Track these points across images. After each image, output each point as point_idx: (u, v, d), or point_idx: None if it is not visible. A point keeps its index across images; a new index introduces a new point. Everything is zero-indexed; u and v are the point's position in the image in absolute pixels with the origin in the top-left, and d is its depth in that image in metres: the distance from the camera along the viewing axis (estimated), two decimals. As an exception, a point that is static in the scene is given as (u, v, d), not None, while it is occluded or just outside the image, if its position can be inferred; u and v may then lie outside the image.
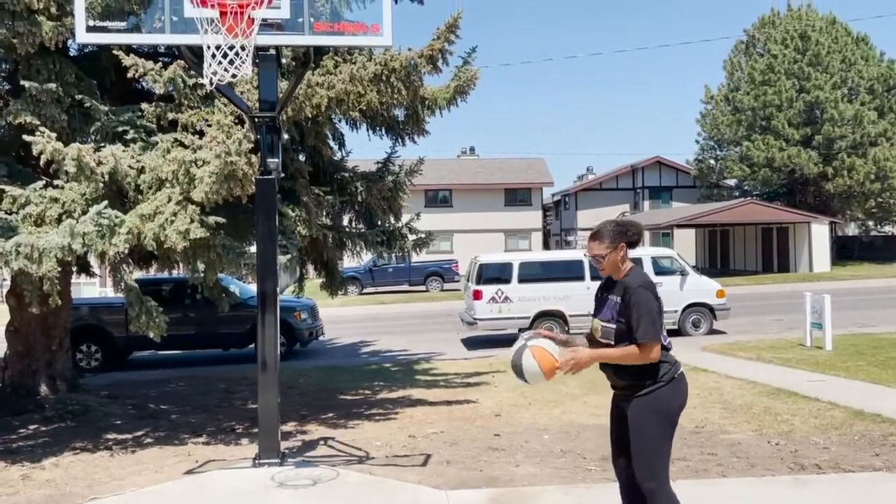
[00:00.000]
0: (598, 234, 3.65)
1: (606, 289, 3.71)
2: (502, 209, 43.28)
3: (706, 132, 40.13)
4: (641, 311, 3.44)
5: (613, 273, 3.64)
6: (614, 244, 3.59)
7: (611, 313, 3.57)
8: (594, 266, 3.71)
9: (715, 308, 15.72)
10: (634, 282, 3.53)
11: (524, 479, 5.54)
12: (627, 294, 3.47)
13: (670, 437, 3.56)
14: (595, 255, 3.62)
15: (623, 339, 3.49)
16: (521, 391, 9.84)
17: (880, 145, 34.27)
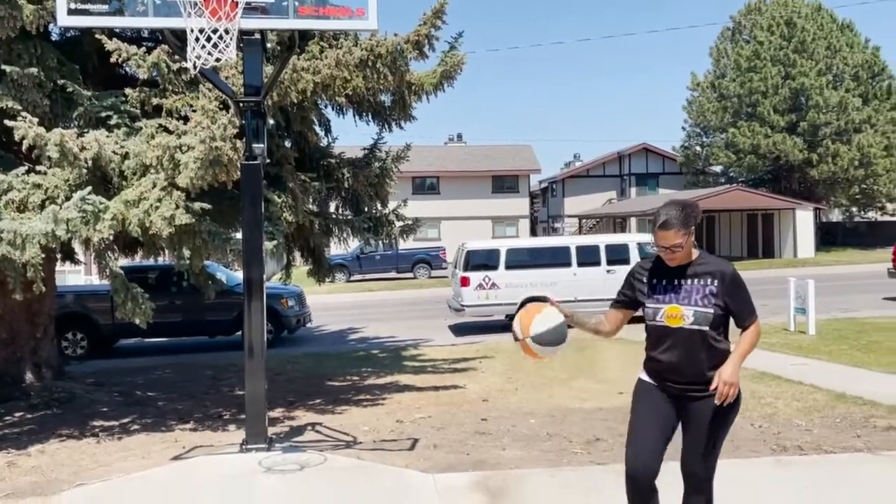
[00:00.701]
0: (668, 222, 3.37)
1: (667, 275, 3.48)
2: (490, 196, 43.28)
3: (692, 119, 40.27)
4: (744, 288, 3.39)
5: (685, 259, 3.44)
6: (688, 229, 3.38)
7: (702, 296, 3.37)
8: (669, 259, 3.44)
9: (700, 293, 15.80)
10: (723, 263, 3.44)
11: (511, 462, 5.57)
12: (727, 276, 3.35)
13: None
14: (673, 246, 3.37)
15: (718, 323, 3.37)
16: (508, 376, 9.90)
17: (864, 132, 34.50)
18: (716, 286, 3.34)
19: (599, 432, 6.53)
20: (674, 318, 3.40)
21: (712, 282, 3.35)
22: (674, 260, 3.42)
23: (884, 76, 36.43)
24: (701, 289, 3.37)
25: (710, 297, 3.35)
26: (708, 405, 3.35)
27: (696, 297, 3.36)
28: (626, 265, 15.58)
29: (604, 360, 10.75)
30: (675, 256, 3.41)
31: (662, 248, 3.39)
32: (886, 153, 34.56)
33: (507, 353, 11.82)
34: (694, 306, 3.36)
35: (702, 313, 3.35)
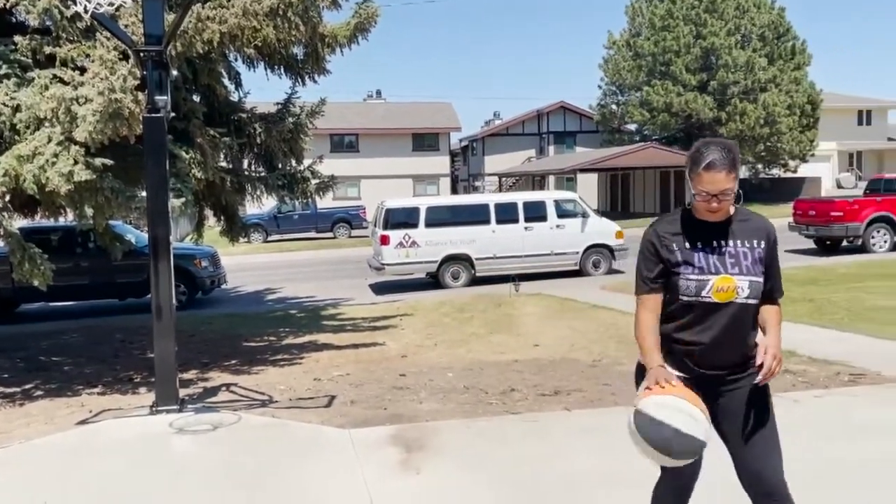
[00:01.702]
0: (716, 162, 2.64)
1: (703, 236, 2.73)
2: (410, 154, 43.04)
3: (608, 77, 40.81)
4: (777, 259, 2.73)
5: (726, 213, 2.74)
6: (737, 171, 2.69)
7: (752, 262, 2.69)
8: (706, 205, 2.69)
9: (614, 249, 16.23)
10: (766, 220, 2.75)
11: (427, 415, 5.63)
12: (772, 238, 2.73)
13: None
14: (723, 192, 2.63)
15: (760, 295, 2.71)
16: (428, 333, 9.97)
17: (769, 91, 35.75)
18: (762, 248, 2.68)
19: (514, 383, 6.65)
20: (725, 293, 2.65)
21: (759, 243, 2.68)
22: (718, 212, 2.68)
23: (788, 37, 37.71)
24: (750, 252, 2.68)
25: (759, 263, 2.68)
26: (745, 390, 2.69)
27: (746, 263, 2.67)
28: (543, 222, 15.87)
29: (521, 315, 10.94)
30: (721, 207, 2.67)
31: (708, 195, 2.63)
32: (789, 112, 35.96)
33: (426, 311, 11.88)
34: (748, 275, 2.66)
35: (757, 284, 2.67)
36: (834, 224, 17.72)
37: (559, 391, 6.24)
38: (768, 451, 2.67)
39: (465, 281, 15.48)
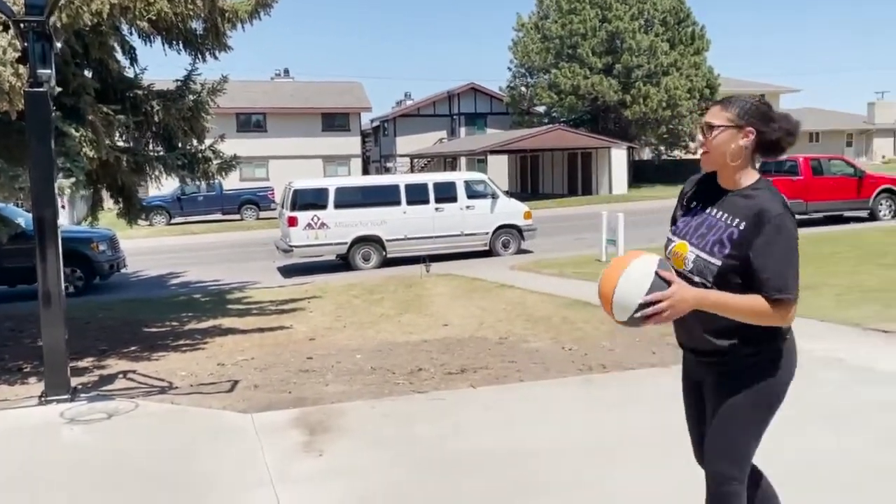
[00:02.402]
0: (728, 98, 2.47)
1: (706, 196, 2.49)
2: (320, 134, 42.38)
3: (518, 60, 41.23)
4: (786, 250, 2.27)
5: (719, 166, 2.43)
6: (741, 121, 2.36)
7: (716, 240, 2.36)
8: (698, 144, 2.46)
9: (523, 229, 16.50)
10: (775, 202, 2.30)
11: (333, 397, 5.58)
12: (765, 220, 2.27)
13: (768, 421, 2.48)
14: (706, 124, 2.40)
15: (726, 283, 2.33)
16: (337, 315, 9.87)
17: (671, 75, 36.97)
18: (741, 229, 2.32)
19: (422, 363, 6.68)
20: (677, 259, 2.44)
21: (740, 222, 2.33)
22: (704, 160, 2.45)
23: (688, 22, 39.03)
24: (723, 227, 2.37)
25: (727, 242, 2.33)
26: (735, 380, 2.42)
27: (710, 237, 2.38)
28: (454, 203, 15.95)
29: (431, 295, 10.97)
30: (705, 151, 2.42)
31: (699, 129, 2.45)
32: (689, 95, 37.31)
33: (336, 293, 11.77)
34: (701, 250, 2.38)
35: (704, 262, 2.36)
36: (729, 203, 18.50)
37: (466, 369, 6.30)
38: (712, 438, 2.48)
39: (375, 262, 15.41)
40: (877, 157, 53.69)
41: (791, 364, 2.47)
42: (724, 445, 2.45)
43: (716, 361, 2.45)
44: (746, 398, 2.41)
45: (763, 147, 2.40)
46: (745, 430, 2.44)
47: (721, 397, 2.45)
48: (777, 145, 2.40)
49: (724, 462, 2.44)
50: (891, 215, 18.74)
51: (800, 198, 18.57)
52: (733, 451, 2.44)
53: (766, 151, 2.43)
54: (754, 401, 2.41)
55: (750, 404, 2.42)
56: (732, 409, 2.43)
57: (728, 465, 2.44)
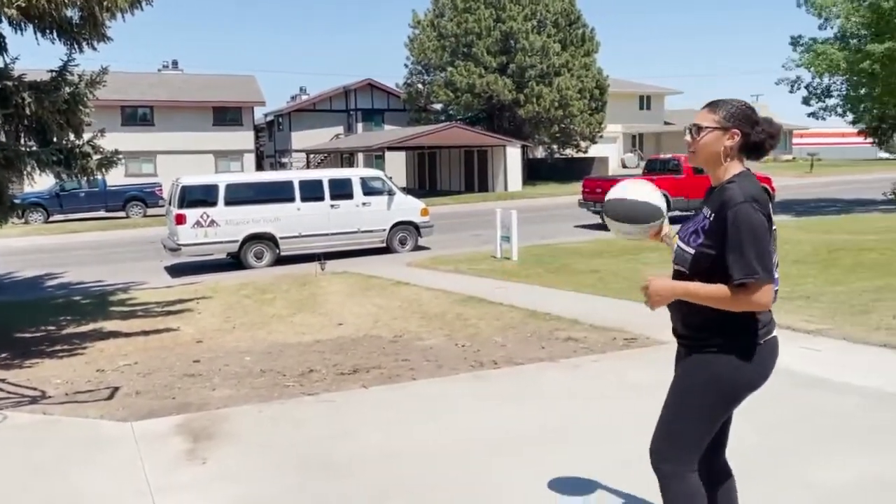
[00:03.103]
0: (715, 101, 2.60)
1: (705, 199, 2.68)
2: (211, 129, 41.05)
3: (414, 57, 41.25)
4: (743, 235, 2.39)
5: (706, 164, 2.60)
6: (728, 123, 2.52)
7: (693, 231, 2.57)
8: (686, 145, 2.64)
9: (420, 226, 16.54)
10: (737, 194, 2.45)
11: (219, 402, 5.41)
12: (725, 210, 2.43)
13: (720, 417, 2.58)
14: (694, 125, 2.58)
15: (701, 271, 2.50)
16: (227, 316, 9.60)
17: (563, 75, 37.90)
18: (711, 220, 2.51)
19: (314, 364, 6.58)
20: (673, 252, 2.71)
21: (711, 213, 2.52)
22: (692, 159, 2.63)
23: (579, 24, 40.12)
24: (700, 220, 2.58)
25: (700, 232, 2.54)
26: (693, 366, 2.58)
27: (690, 229, 2.62)
28: (350, 199, 15.82)
29: (326, 294, 10.84)
30: (692, 150, 2.61)
31: (687, 129, 2.63)
32: (580, 96, 38.38)
33: (226, 293, 11.44)
34: (681, 241, 2.64)
35: (681, 251, 2.60)
36: (617, 201, 19.19)
37: (358, 369, 6.26)
38: (659, 420, 2.64)
39: (269, 261, 15.09)
40: (752, 157, 56.87)
41: (759, 368, 2.51)
42: (661, 424, 2.60)
43: (686, 345, 2.62)
44: (697, 382, 2.54)
45: (747, 148, 2.56)
46: (685, 414, 2.54)
47: (679, 377, 2.61)
48: (761, 147, 2.56)
49: (659, 440, 2.59)
50: (764, 212, 19.86)
51: (682, 195, 19.44)
52: (668, 430, 2.57)
53: (751, 152, 2.58)
54: (704, 388, 2.52)
55: (699, 390, 2.53)
56: (680, 390, 2.59)
57: (661, 444, 2.58)
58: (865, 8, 19.76)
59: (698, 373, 2.54)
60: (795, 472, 3.78)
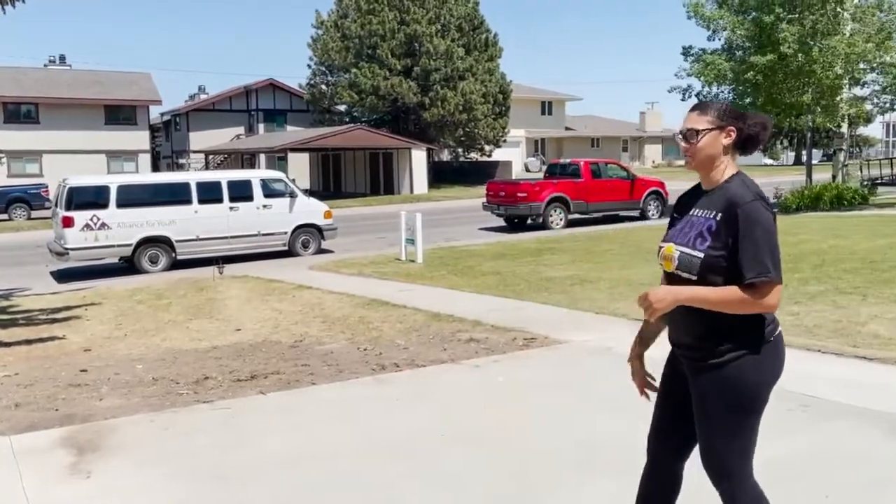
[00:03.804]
0: (704, 103, 2.57)
1: (689, 203, 2.59)
2: (103, 128, 39.30)
3: (318, 57, 40.81)
4: (758, 235, 2.33)
5: (703, 167, 2.51)
6: (722, 122, 2.48)
7: (697, 234, 2.46)
8: (683, 150, 2.56)
9: (323, 228, 16.34)
10: (744, 192, 2.40)
11: (107, 412, 5.16)
12: (735, 209, 2.37)
13: (758, 421, 2.48)
14: (689, 130, 2.50)
15: (713, 275, 2.39)
16: (119, 322, 9.20)
17: (467, 79, 38.35)
18: (717, 220, 2.42)
19: (210, 371, 6.38)
20: (667, 262, 2.54)
21: (716, 214, 2.43)
22: (690, 163, 2.54)
23: (482, 29, 40.69)
24: (703, 222, 2.47)
25: (707, 234, 2.44)
26: (707, 381, 2.45)
27: (691, 233, 2.49)
28: (250, 202, 15.46)
29: (224, 299, 10.54)
30: (691, 155, 2.52)
31: (680, 135, 2.55)
32: (484, 100, 38.94)
33: (118, 299, 10.96)
34: (685, 246, 2.48)
35: (687, 257, 2.45)
36: (520, 204, 19.59)
37: (256, 375, 6.10)
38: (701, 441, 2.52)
39: (164, 265, 14.56)
40: (648, 162, 59.30)
41: (771, 366, 2.45)
42: (708, 457, 2.49)
43: (694, 357, 2.49)
44: (720, 402, 2.43)
45: (742, 143, 2.52)
46: (723, 437, 2.45)
47: (699, 397, 2.48)
48: (755, 139, 2.52)
49: (713, 473, 2.50)
50: (657, 215, 20.73)
51: (582, 198, 20.04)
52: (713, 457, 2.48)
53: (745, 147, 2.54)
54: (728, 404, 2.42)
55: (724, 408, 2.43)
56: (708, 415, 2.47)
57: (713, 472, 2.50)
58: (749, 22, 20.86)
59: (727, 390, 2.42)
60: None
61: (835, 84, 19.91)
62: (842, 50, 18.93)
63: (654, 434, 2.70)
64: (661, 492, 2.71)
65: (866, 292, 8.21)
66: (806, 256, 11.08)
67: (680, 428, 2.59)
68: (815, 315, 7.27)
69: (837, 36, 19.29)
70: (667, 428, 2.64)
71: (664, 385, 2.67)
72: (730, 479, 2.46)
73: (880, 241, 12.39)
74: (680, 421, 2.58)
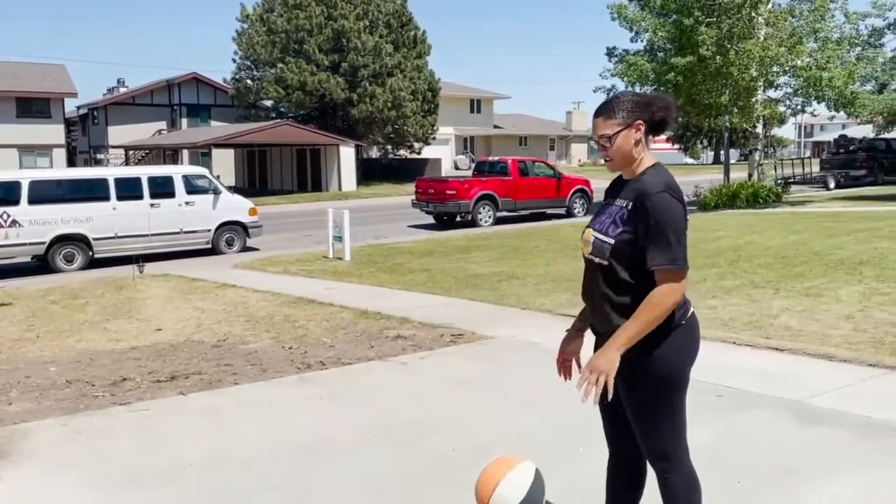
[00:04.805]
0: (606, 106, 2.59)
1: (614, 192, 2.67)
2: (14, 121, 37.58)
3: (243, 52, 40.03)
4: (664, 224, 2.41)
5: (624, 165, 2.59)
6: (629, 120, 2.53)
7: (611, 221, 2.55)
8: (600, 154, 2.63)
9: (248, 226, 16.04)
10: (655, 183, 2.48)
11: (16, 417, 4.94)
12: (644, 199, 2.45)
13: (683, 400, 2.58)
14: (600, 137, 2.55)
15: (622, 259, 2.49)
16: (30, 324, 8.82)
17: (395, 76, 38.26)
18: (629, 209, 2.51)
19: (128, 372, 6.17)
20: (585, 245, 2.63)
21: (628, 203, 2.53)
22: (611, 166, 2.61)
23: (410, 26, 40.67)
24: (617, 210, 2.57)
25: (619, 222, 2.53)
26: (629, 368, 2.48)
27: (607, 221, 2.58)
28: (171, 198, 15.03)
29: (145, 298, 10.22)
30: (609, 158, 2.58)
31: (594, 142, 2.63)
32: (413, 97, 38.92)
33: (30, 299, 10.49)
34: (599, 232, 2.58)
35: (600, 242, 2.55)
36: (449, 201, 19.66)
37: (176, 376, 5.94)
38: (634, 425, 2.61)
39: (81, 263, 14.02)
40: (574, 161, 60.42)
41: (688, 347, 2.55)
42: (643, 440, 2.59)
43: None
44: (644, 386, 2.51)
45: (652, 129, 2.57)
46: (654, 419, 2.54)
47: (626, 386, 2.52)
48: (663, 123, 2.58)
49: (650, 455, 2.60)
50: (583, 213, 21.13)
51: (509, 196, 20.25)
52: (647, 440, 2.57)
53: (655, 131, 2.59)
54: (652, 387, 2.51)
55: (649, 392, 2.52)
56: (636, 400, 2.55)
57: (651, 455, 2.59)
58: (670, 24, 21.46)
59: (649, 376, 2.50)
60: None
61: (750, 86, 20.67)
62: (756, 53, 19.67)
63: (607, 430, 2.77)
64: (627, 481, 2.77)
65: (778, 286, 8.56)
66: (723, 252, 11.48)
67: (626, 417, 2.63)
68: (730, 308, 7.53)
69: (752, 39, 20.03)
70: (617, 422, 2.69)
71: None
72: (667, 459, 2.56)
73: (792, 238, 12.94)
74: (625, 412, 2.63)
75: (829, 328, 6.54)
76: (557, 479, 3.66)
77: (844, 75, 20.18)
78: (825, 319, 6.87)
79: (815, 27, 21.01)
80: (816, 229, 14.02)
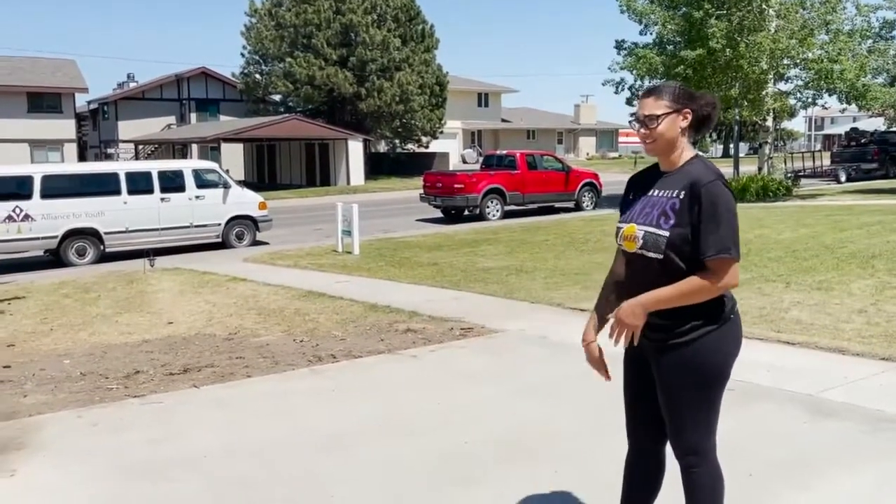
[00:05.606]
0: (656, 88, 2.55)
1: (646, 183, 2.60)
2: (26, 116, 37.77)
3: (251, 46, 40.06)
4: (721, 213, 2.37)
5: (664, 151, 2.54)
6: (678, 105, 2.49)
7: (660, 213, 2.46)
8: (639, 135, 2.55)
9: (258, 220, 16.08)
10: (706, 172, 2.44)
11: (32, 409, 4.99)
12: (698, 187, 2.39)
13: (721, 395, 2.55)
14: (647, 116, 2.49)
15: (677, 252, 2.41)
16: (44, 317, 8.89)
17: (403, 70, 38.23)
18: (680, 198, 2.44)
19: (141, 365, 6.23)
20: (629, 241, 2.54)
21: (679, 192, 2.45)
22: (651, 149, 2.55)
23: (419, 20, 40.61)
24: (665, 201, 2.48)
25: (670, 213, 2.45)
26: (672, 360, 2.49)
27: (654, 212, 2.49)
28: (181, 193, 15.09)
29: (156, 292, 10.28)
30: (651, 140, 2.52)
31: (637, 122, 2.54)
32: (421, 91, 38.89)
33: (44, 293, 10.57)
34: (648, 225, 2.49)
35: (652, 236, 2.46)
36: (457, 195, 19.65)
37: (189, 369, 5.98)
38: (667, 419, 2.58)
39: (92, 257, 14.11)
40: (582, 154, 60.27)
41: (734, 340, 2.52)
42: (675, 433, 2.55)
43: (656, 338, 2.50)
44: (686, 379, 2.48)
45: (696, 124, 2.53)
46: (690, 414, 2.50)
47: (664, 377, 2.51)
48: (709, 119, 2.56)
49: (679, 449, 2.56)
50: (592, 206, 21.09)
51: (518, 190, 20.22)
52: (681, 434, 2.53)
53: (699, 127, 2.56)
54: (694, 381, 2.47)
55: (690, 385, 2.48)
56: (675, 394, 2.51)
57: (681, 449, 2.55)
58: (680, 17, 21.35)
59: (689, 369, 2.47)
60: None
61: (760, 79, 20.56)
62: (767, 46, 19.55)
63: (630, 422, 2.73)
64: (646, 477, 2.74)
65: (789, 280, 8.53)
66: (733, 246, 11.43)
67: (653, 411, 2.60)
68: (741, 302, 7.40)
69: (763, 32, 19.91)
70: (641, 414, 2.67)
71: (627, 374, 2.71)
72: (696, 454, 2.53)
73: (802, 231, 12.89)
74: (650, 404, 2.60)
75: (840, 322, 6.53)
76: (572, 471, 3.68)
77: (856, 68, 20.03)
78: (837, 313, 6.85)
79: (826, 19, 20.84)
80: (827, 223, 13.96)
